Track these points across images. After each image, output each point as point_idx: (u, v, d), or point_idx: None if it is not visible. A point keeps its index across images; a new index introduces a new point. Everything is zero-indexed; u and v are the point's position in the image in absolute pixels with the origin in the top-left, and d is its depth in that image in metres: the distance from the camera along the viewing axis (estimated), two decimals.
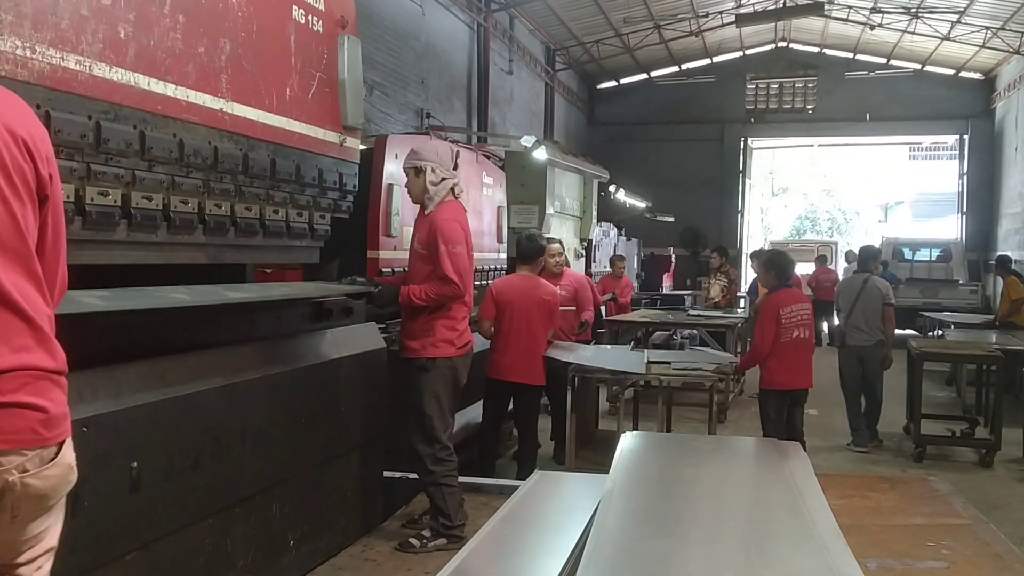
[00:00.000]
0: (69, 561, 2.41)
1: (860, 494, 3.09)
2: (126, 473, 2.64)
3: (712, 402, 5.58)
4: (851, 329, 7.15)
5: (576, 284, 6.67)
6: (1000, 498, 5.66)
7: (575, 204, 11.16)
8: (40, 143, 1.52)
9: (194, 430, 2.99)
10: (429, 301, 4.15)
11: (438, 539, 4.24)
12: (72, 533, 2.43)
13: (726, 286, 11.58)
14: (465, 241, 4.23)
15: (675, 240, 20.15)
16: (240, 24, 3.31)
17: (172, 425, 2.87)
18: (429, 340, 4.21)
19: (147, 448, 2.74)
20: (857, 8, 17.93)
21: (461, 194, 4.43)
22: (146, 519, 2.76)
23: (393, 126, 11.58)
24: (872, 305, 7.06)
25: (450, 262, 4.10)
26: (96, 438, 2.52)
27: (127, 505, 2.66)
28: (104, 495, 2.56)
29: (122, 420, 2.64)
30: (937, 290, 15.19)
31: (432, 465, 4.23)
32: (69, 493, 1.59)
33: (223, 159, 3.27)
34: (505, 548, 2.30)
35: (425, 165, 4.22)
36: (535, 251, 5.66)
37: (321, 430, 3.83)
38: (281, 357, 3.63)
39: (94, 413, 2.52)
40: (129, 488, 2.66)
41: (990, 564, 2.36)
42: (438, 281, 4.14)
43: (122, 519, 2.65)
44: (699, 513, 2.34)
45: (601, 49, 19.51)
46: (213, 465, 3.07)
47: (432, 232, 4.17)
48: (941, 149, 30.30)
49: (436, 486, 4.25)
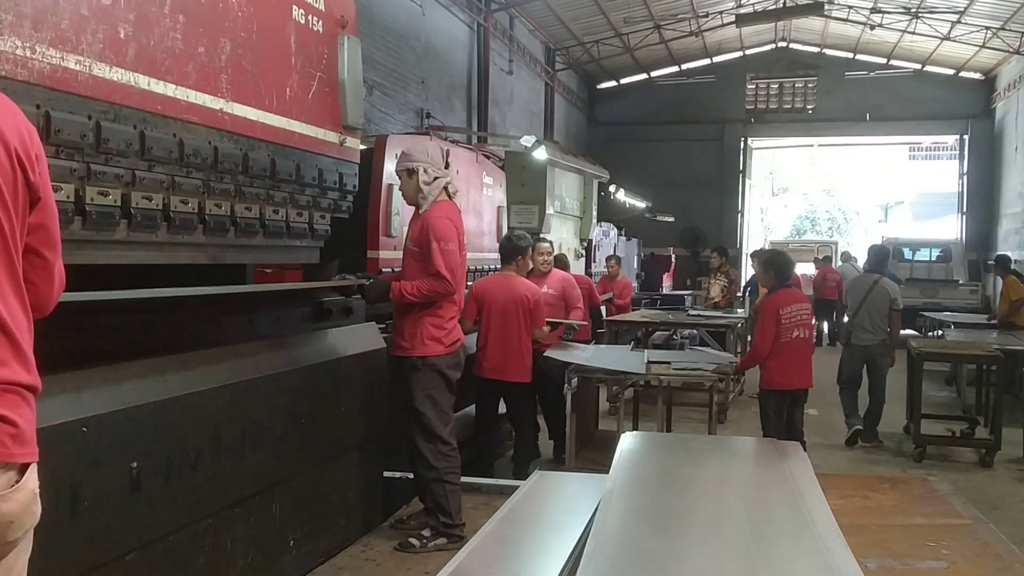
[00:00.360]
0: (69, 561, 2.42)
1: (860, 494, 3.09)
2: (126, 472, 2.64)
3: (712, 402, 5.58)
4: (856, 329, 7.19)
5: (563, 283, 6.55)
6: (1000, 498, 5.66)
7: (575, 204, 11.17)
8: (30, 143, 1.48)
9: (193, 430, 2.99)
10: (420, 297, 4.17)
11: (438, 538, 4.24)
12: (71, 533, 2.44)
13: (726, 286, 11.59)
14: (458, 239, 4.24)
15: (675, 240, 20.16)
16: (240, 24, 3.31)
17: (171, 425, 2.88)
18: (418, 339, 4.23)
19: (147, 448, 2.75)
20: (857, 8, 17.93)
21: (456, 193, 4.45)
22: (146, 519, 2.76)
23: (393, 126, 11.58)
24: (879, 306, 7.11)
25: (442, 259, 4.12)
26: (96, 438, 2.52)
27: (127, 505, 2.66)
28: (104, 495, 2.56)
29: (122, 420, 2.64)
30: (937, 290, 15.19)
31: (435, 461, 4.24)
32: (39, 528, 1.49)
33: (223, 159, 3.27)
34: (505, 548, 2.30)
35: (417, 166, 4.26)
36: (512, 251, 5.68)
37: (321, 430, 3.83)
38: (281, 357, 3.64)
39: (93, 413, 2.53)
40: (129, 488, 2.66)
41: (990, 564, 2.36)
42: (430, 278, 4.16)
43: (122, 519, 2.65)
44: (699, 513, 2.34)
45: (601, 49, 19.51)
46: (213, 465, 3.08)
47: (424, 230, 4.19)
48: (941, 149, 30.29)
49: (438, 482, 4.25)
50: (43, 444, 1.50)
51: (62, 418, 2.40)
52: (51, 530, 2.11)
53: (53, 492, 2.26)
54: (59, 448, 2.33)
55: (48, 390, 1.57)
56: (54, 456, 2.16)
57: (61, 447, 2.36)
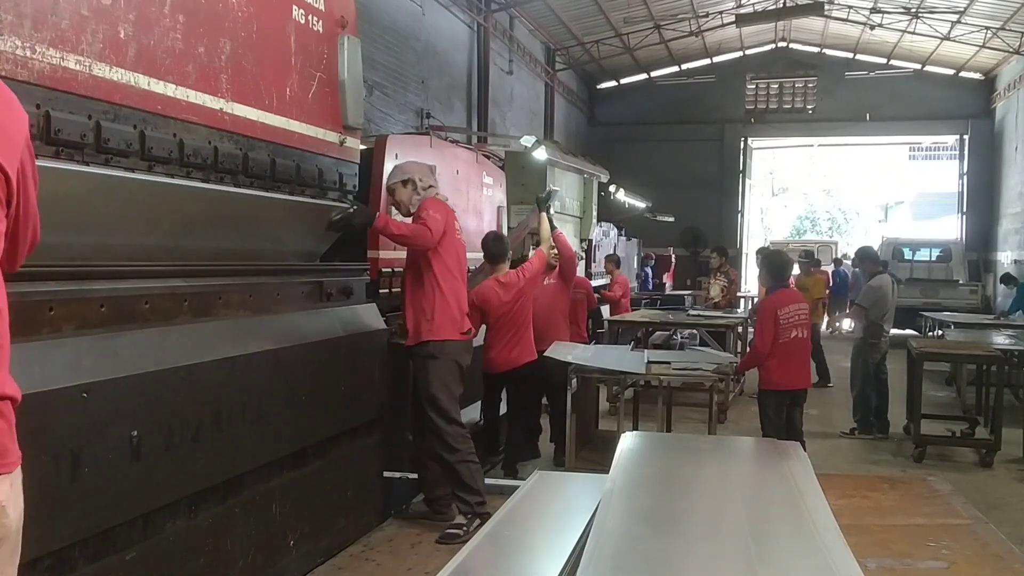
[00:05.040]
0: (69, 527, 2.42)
1: (860, 494, 3.08)
2: (126, 440, 2.64)
3: (712, 402, 5.57)
4: (885, 325, 7.42)
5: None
6: (1000, 498, 5.65)
7: (575, 204, 11.18)
8: (16, 136, 1.33)
9: (194, 406, 2.98)
10: (400, 236, 4.27)
11: (475, 521, 4.30)
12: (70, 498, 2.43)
13: (726, 286, 11.58)
14: (445, 220, 4.38)
15: (675, 240, 20.16)
16: (240, 24, 3.31)
17: (171, 420, 2.87)
18: (434, 324, 4.35)
19: (145, 417, 2.75)
20: (857, 8, 17.93)
21: (446, 200, 4.63)
22: (145, 503, 2.76)
23: (393, 126, 11.58)
24: (893, 306, 7.43)
25: (429, 222, 4.27)
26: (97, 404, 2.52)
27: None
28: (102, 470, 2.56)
29: (122, 387, 2.64)
30: (937, 290, 15.20)
31: (456, 444, 4.35)
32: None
33: (223, 159, 3.27)
34: (505, 548, 2.29)
35: (412, 176, 4.48)
36: (503, 249, 5.73)
37: (322, 406, 3.83)
38: (280, 335, 3.59)
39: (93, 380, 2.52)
40: (129, 457, 2.65)
41: (990, 564, 2.36)
42: (416, 224, 4.29)
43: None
44: (699, 513, 2.33)
45: (601, 49, 19.51)
46: (212, 448, 3.07)
47: (418, 210, 4.37)
48: (941, 149, 30.31)
49: (463, 463, 4.37)
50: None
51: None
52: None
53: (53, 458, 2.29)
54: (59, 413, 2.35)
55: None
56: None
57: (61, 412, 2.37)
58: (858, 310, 7.61)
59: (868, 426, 7.45)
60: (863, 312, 7.48)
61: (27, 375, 1.97)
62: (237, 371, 3.21)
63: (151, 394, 2.75)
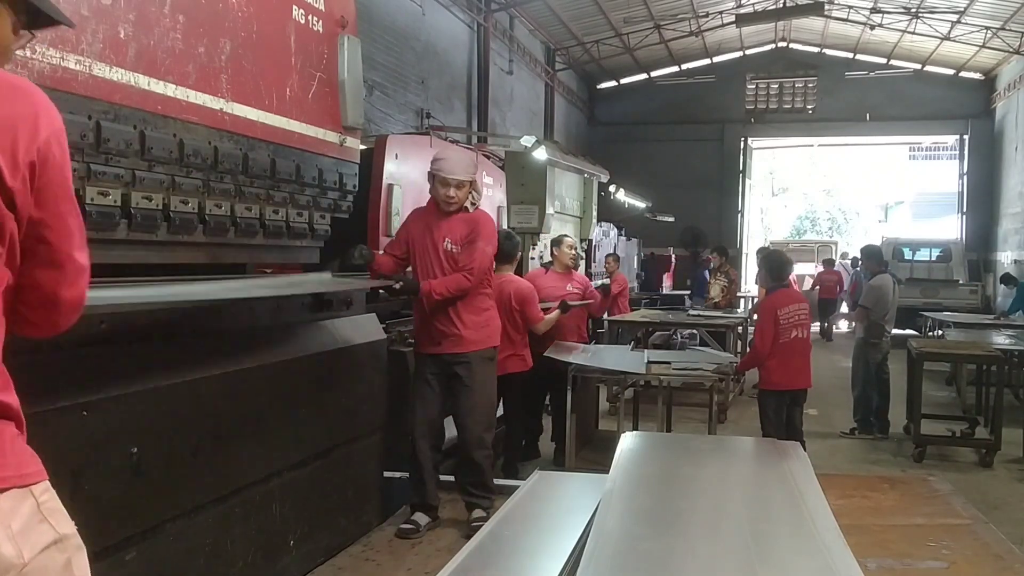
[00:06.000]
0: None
1: (860, 494, 3.08)
2: (128, 462, 2.64)
3: (712, 402, 5.57)
4: (886, 325, 7.41)
5: (585, 282, 6.80)
6: (1000, 498, 5.65)
7: (575, 204, 11.16)
8: (22, 144, 1.24)
9: (192, 422, 2.97)
10: (451, 294, 4.28)
11: (427, 520, 4.44)
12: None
13: (726, 286, 11.58)
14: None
15: (675, 240, 20.15)
16: (240, 24, 3.31)
17: (170, 421, 2.87)
18: (489, 330, 4.44)
19: (148, 437, 2.74)
20: (857, 8, 17.93)
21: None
22: (145, 518, 2.76)
23: (393, 126, 11.58)
24: (894, 306, 7.43)
25: (481, 259, 4.31)
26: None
27: (127, 502, 2.66)
28: (102, 487, 2.56)
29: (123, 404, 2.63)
30: (937, 290, 15.19)
31: (490, 443, 4.50)
32: None
33: (223, 159, 3.27)
34: (505, 548, 2.29)
35: (475, 177, 4.52)
36: (514, 249, 5.72)
37: (323, 416, 3.83)
38: (280, 349, 3.61)
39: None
40: (130, 474, 2.66)
41: (990, 564, 2.36)
42: (459, 275, 4.27)
43: (121, 518, 2.65)
44: (699, 513, 2.34)
45: (601, 49, 19.51)
46: (212, 462, 3.07)
47: (475, 227, 4.35)
48: (941, 149, 30.28)
49: (489, 459, 4.53)
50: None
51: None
52: None
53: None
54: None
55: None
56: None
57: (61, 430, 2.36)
58: (862, 311, 7.60)
59: (868, 426, 7.45)
60: (866, 313, 7.48)
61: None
62: (234, 386, 3.21)
63: (151, 410, 2.75)
